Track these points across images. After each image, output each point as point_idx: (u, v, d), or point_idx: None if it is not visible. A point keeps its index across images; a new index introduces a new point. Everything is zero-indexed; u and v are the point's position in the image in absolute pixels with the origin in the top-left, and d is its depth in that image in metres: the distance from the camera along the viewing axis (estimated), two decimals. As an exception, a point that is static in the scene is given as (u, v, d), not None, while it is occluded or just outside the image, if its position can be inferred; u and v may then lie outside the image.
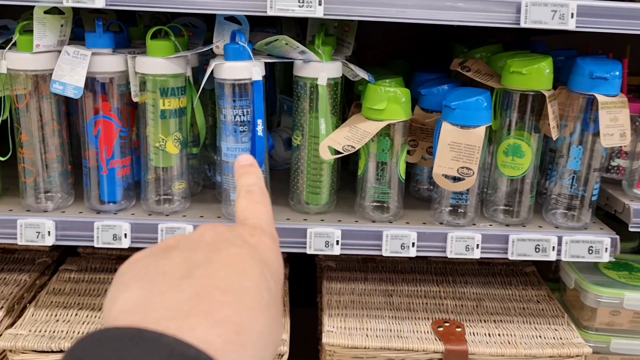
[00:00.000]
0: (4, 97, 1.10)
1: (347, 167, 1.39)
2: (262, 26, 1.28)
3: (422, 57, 1.55)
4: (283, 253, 1.40)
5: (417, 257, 1.14)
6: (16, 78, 1.08)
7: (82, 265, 1.38)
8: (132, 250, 1.41)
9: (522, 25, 1.01)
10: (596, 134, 1.12)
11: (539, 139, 1.16)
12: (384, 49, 1.57)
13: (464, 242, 1.13)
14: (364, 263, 1.44)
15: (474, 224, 1.17)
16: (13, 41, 1.06)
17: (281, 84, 1.46)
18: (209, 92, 1.23)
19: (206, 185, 1.30)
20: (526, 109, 1.13)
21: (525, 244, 1.14)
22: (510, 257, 1.14)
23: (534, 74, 1.09)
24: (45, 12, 1.04)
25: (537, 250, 1.13)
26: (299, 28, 1.40)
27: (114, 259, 1.41)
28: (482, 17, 1.02)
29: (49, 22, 1.05)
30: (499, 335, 1.18)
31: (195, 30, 1.26)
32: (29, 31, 1.07)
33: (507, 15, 1.02)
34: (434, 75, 1.31)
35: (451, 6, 1.00)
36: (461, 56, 1.30)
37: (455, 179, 1.11)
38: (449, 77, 1.35)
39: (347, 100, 1.37)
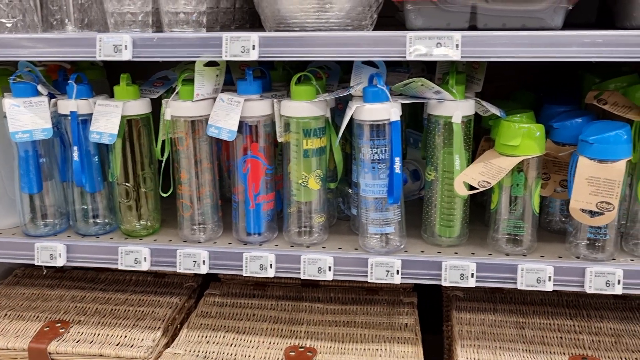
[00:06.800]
0: (166, 140, 1.23)
1: (474, 199, 1.41)
2: (392, 66, 1.34)
3: (547, 88, 1.54)
4: (409, 284, 1.45)
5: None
6: (177, 123, 1.21)
7: (224, 290, 1.49)
8: (276, 279, 1.50)
9: (668, 58, 0.99)
10: None
11: (684, 172, 1.12)
12: (507, 80, 1.58)
13: (604, 278, 1.12)
14: (492, 293, 1.45)
15: (613, 259, 1.15)
16: (176, 92, 1.20)
17: (407, 118, 1.51)
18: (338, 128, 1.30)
19: (340, 218, 1.37)
20: (669, 142, 1.10)
21: (672, 280, 1.10)
22: (655, 294, 1.10)
23: (679, 106, 1.07)
24: (204, 65, 1.16)
25: (685, 287, 1.09)
26: (425, 64, 1.45)
27: (252, 285, 1.52)
28: (623, 53, 1.01)
29: (207, 74, 1.17)
30: (642, 374, 1.15)
31: (329, 72, 1.34)
32: (188, 81, 1.20)
33: (651, 49, 1.00)
34: (563, 107, 1.31)
35: (590, 43, 1.01)
36: (594, 87, 1.29)
37: (593, 214, 1.11)
38: (579, 108, 1.34)
39: (474, 133, 1.39)
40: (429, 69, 1.41)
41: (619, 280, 1.11)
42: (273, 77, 1.36)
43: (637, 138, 1.13)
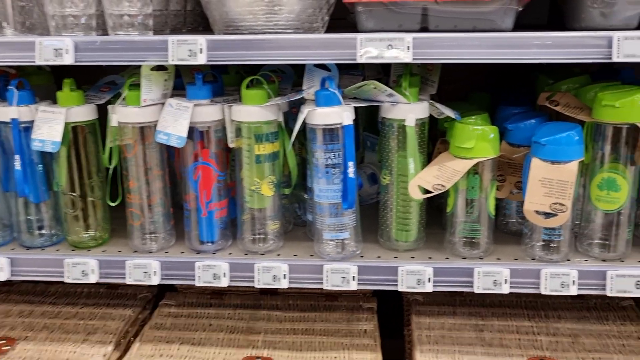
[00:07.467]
0: (113, 147, 1.19)
1: (432, 201, 1.40)
2: (346, 68, 1.32)
3: (503, 89, 1.55)
4: (368, 290, 1.42)
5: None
6: (125, 130, 1.17)
7: (180, 300, 1.45)
8: (233, 287, 1.46)
9: (615, 59, 1.00)
10: (697, 164, 1.08)
11: (635, 172, 1.13)
12: (464, 82, 1.58)
13: (558, 279, 1.12)
14: (452, 296, 1.44)
15: (568, 260, 1.15)
16: (122, 97, 1.16)
17: (364, 121, 1.49)
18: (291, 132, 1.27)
19: (297, 224, 1.34)
20: (620, 142, 1.11)
21: (625, 280, 1.10)
22: (609, 294, 1.11)
23: (628, 107, 1.07)
24: (151, 69, 1.12)
25: (638, 286, 1.10)
26: (380, 67, 1.43)
27: (209, 294, 1.48)
28: (572, 54, 1.01)
29: (155, 78, 1.14)
30: (599, 374, 1.15)
31: (283, 76, 1.32)
32: (135, 86, 1.16)
33: (597, 50, 1.01)
34: (518, 108, 1.31)
35: (540, 44, 1.01)
36: (547, 89, 1.29)
37: (547, 215, 1.10)
38: (534, 109, 1.34)
39: (431, 135, 1.38)
40: (384, 72, 1.40)
41: (573, 281, 1.11)
42: (226, 81, 1.33)
43: (588, 139, 1.14)
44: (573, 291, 1.12)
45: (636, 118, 1.08)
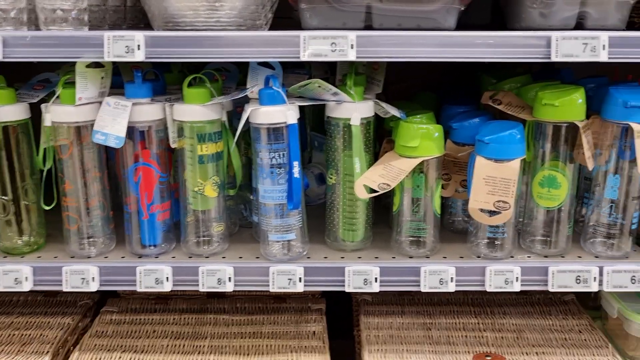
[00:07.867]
0: (47, 148, 1.13)
1: (379, 201, 1.40)
2: (292, 67, 1.30)
3: (449, 88, 1.56)
4: (317, 291, 1.41)
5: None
6: (59, 130, 1.12)
7: (122, 307, 1.40)
8: (179, 291, 1.41)
9: (553, 59, 1.01)
10: (632, 161, 1.11)
11: (574, 169, 1.15)
12: (410, 81, 1.59)
13: (502, 276, 1.13)
14: (400, 295, 1.44)
15: (512, 256, 1.17)
16: (56, 95, 1.10)
17: (311, 121, 1.48)
18: (241, 132, 1.25)
19: (243, 225, 1.32)
20: (560, 140, 1.13)
21: (566, 275, 1.13)
22: (551, 289, 1.13)
23: (567, 106, 1.09)
24: (86, 66, 1.08)
25: (578, 281, 1.12)
26: (327, 66, 1.42)
27: (153, 299, 1.43)
28: (513, 53, 1.03)
29: (90, 76, 1.09)
30: (542, 368, 1.17)
31: (227, 74, 1.29)
32: (70, 83, 1.11)
33: (537, 50, 1.02)
34: (462, 107, 1.32)
35: (482, 43, 1.02)
36: (490, 88, 1.31)
37: (492, 213, 1.12)
38: (478, 108, 1.36)
39: (377, 134, 1.38)
40: (331, 71, 1.39)
41: (517, 278, 1.13)
42: (168, 79, 1.29)
43: (530, 137, 1.16)
44: (517, 287, 1.13)
45: (575, 116, 1.10)
